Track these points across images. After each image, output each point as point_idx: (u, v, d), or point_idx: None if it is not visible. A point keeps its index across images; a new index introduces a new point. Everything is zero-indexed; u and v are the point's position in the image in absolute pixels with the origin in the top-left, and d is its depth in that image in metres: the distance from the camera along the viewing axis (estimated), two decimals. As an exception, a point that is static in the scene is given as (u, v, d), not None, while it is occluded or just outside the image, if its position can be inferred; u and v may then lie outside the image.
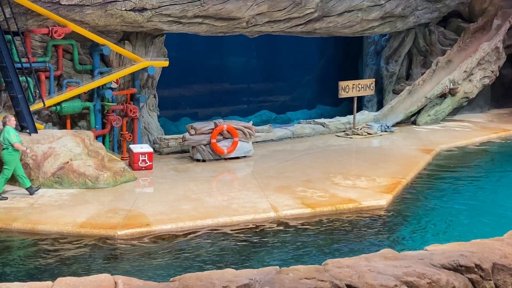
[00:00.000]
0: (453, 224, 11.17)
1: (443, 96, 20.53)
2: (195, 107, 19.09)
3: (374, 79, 20.12)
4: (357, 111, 19.71)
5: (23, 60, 13.90)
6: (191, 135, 15.34)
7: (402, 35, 21.81)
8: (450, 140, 18.05)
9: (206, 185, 13.13)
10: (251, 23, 16.97)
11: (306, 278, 6.14)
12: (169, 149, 16.18)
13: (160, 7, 15.17)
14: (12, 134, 12.02)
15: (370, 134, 18.74)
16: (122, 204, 11.72)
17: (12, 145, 11.94)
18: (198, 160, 15.36)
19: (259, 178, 13.74)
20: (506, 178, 14.58)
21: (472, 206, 12.19)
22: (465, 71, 20.55)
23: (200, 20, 16.10)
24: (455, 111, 21.59)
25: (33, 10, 13.88)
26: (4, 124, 12.20)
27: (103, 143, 15.21)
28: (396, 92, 21.47)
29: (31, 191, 12.24)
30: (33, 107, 13.87)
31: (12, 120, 12.25)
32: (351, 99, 19.38)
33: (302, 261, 9.16)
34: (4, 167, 12.06)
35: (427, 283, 6.20)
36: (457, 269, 6.51)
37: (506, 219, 11.24)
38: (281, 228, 10.89)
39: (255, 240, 10.34)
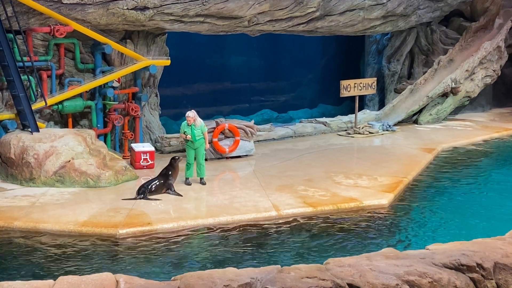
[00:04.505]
0: (455, 223, 11.16)
1: (444, 95, 20.51)
2: (196, 106, 18.97)
3: (375, 78, 20.12)
4: (359, 110, 19.71)
5: (25, 59, 13.91)
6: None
7: (404, 34, 21.80)
8: (451, 139, 18.05)
9: (207, 184, 13.13)
10: (253, 22, 16.97)
11: (307, 277, 6.14)
12: (170, 148, 16.19)
13: (161, 6, 15.17)
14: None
15: (372, 133, 18.74)
16: (124, 203, 11.73)
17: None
18: (199, 159, 15.36)
19: (261, 177, 13.74)
20: (508, 177, 14.57)
21: (474, 205, 12.18)
22: (467, 70, 20.54)
23: (201, 19, 16.11)
24: (457, 110, 21.59)
25: (35, 9, 13.89)
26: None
27: (105, 142, 15.22)
28: (397, 91, 21.46)
29: (201, 182, 13.12)
30: (34, 106, 13.88)
31: (187, 117, 13.04)
32: (352, 98, 19.38)
33: (304, 260, 9.16)
34: None
35: (429, 282, 6.20)
36: (459, 268, 6.51)
37: (507, 218, 11.24)
38: (282, 227, 10.89)
39: (257, 239, 10.34)
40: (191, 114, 13.09)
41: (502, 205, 12.17)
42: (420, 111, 20.57)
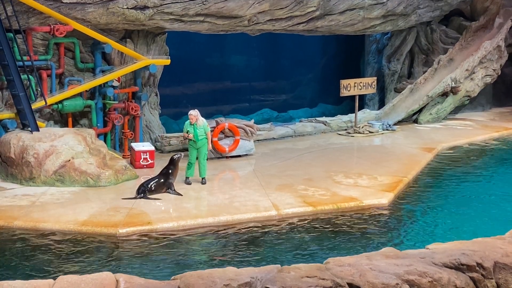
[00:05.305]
0: (455, 222, 11.17)
1: (444, 94, 20.51)
2: (196, 105, 19.04)
3: (375, 78, 20.11)
4: (359, 110, 19.70)
5: (25, 58, 13.91)
6: (192, 133, 15.33)
7: (404, 34, 21.79)
8: (451, 139, 18.04)
9: (207, 183, 13.13)
10: (253, 21, 16.97)
11: (307, 277, 6.14)
12: (170, 147, 16.18)
13: (161, 5, 15.17)
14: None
15: (372, 132, 18.73)
16: (124, 202, 11.73)
17: None
18: (199, 158, 15.36)
19: (261, 176, 13.74)
20: (508, 176, 14.56)
21: (474, 205, 12.19)
22: (467, 70, 20.53)
23: (201, 18, 16.10)
24: (457, 109, 21.59)
25: (35, 8, 13.88)
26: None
27: (105, 141, 15.22)
28: (397, 91, 21.46)
29: (201, 182, 13.11)
30: (34, 105, 13.88)
31: (190, 115, 13.07)
32: (352, 97, 19.37)
33: (304, 260, 9.16)
34: None
35: (429, 281, 6.20)
36: (459, 267, 6.51)
37: (507, 217, 11.24)
38: (282, 226, 10.89)
39: (257, 239, 10.34)
40: (194, 112, 13.08)
41: (502, 204, 12.17)
42: (420, 111, 20.57)
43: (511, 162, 16.11)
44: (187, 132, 13.08)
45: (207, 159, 14.86)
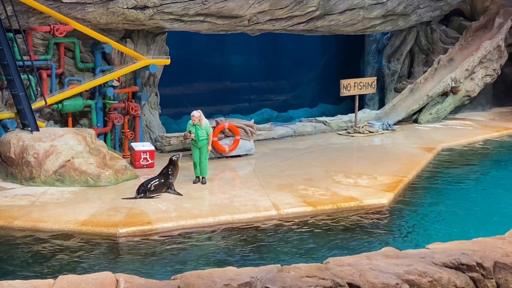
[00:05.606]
0: (455, 222, 11.17)
1: (444, 94, 20.52)
2: (196, 105, 19.08)
3: (375, 78, 20.12)
4: (359, 110, 19.71)
5: (25, 58, 13.91)
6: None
7: (404, 34, 21.80)
8: (451, 139, 18.05)
9: (207, 183, 13.13)
10: (253, 21, 16.97)
11: (307, 276, 6.14)
12: (170, 147, 16.19)
13: (161, 5, 15.17)
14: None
15: (372, 132, 18.74)
16: (124, 202, 11.73)
17: None
18: (199, 158, 15.35)
19: (261, 176, 13.74)
20: (508, 176, 14.56)
21: (474, 205, 12.18)
22: (467, 70, 20.53)
23: (201, 18, 16.10)
24: (457, 109, 21.60)
25: (35, 8, 13.88)
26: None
27: (105, 141, 15.22)
28: (397, 91, 21.47)
29: (201, 181, 13.17)
30: (34, 105, 13.87)
31: (192, 116, 13.01)
32: (352, 97, 19.38)
33: (304, 260, 9.16)
34: None
35: (429, 281, 6.20)
36: (459, 267, 6.51)
37: (507, 217, 11.24)
38: (282, 226, 10.89)
39: (257, 238, 10.34)
40: (196, 114, 13.03)
41: (502, 204, 12.17)
42: (420, 110, 20.57)
43: (510, 161, 16.11)
44: (189, 132, 13.07)
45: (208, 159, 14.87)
